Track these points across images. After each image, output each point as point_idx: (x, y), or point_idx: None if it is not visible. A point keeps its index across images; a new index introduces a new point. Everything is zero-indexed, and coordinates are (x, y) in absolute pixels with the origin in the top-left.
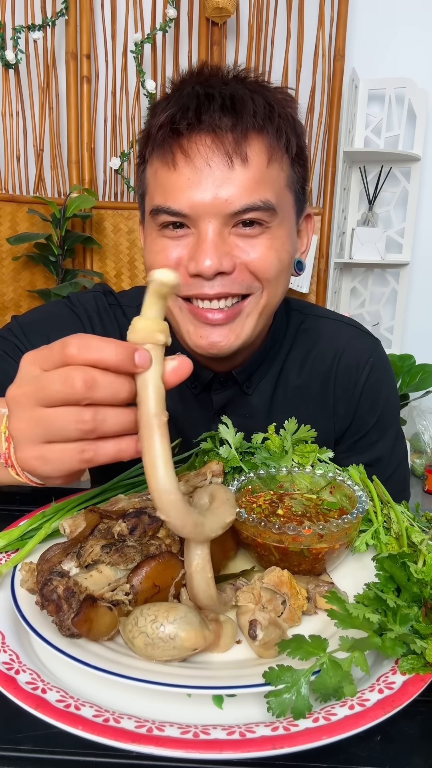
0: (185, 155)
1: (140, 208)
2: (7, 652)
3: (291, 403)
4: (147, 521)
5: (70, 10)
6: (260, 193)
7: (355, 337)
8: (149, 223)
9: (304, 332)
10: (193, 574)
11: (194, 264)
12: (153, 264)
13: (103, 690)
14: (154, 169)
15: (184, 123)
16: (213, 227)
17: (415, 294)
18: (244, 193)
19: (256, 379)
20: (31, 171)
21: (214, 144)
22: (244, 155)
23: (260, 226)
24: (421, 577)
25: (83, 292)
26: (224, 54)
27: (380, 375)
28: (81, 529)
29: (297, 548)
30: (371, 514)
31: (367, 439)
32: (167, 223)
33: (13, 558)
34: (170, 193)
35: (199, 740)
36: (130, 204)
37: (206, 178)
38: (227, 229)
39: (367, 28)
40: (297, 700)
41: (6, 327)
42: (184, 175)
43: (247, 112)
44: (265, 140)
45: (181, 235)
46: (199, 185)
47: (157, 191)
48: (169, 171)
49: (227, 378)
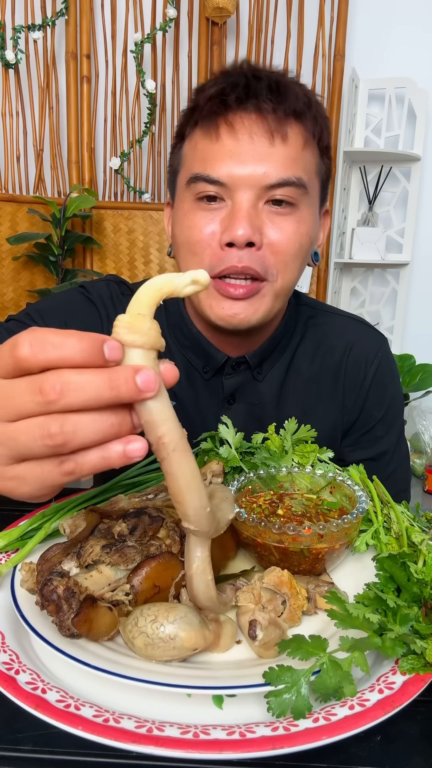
0: (230, 127)
1: (170, 187)
2: (7, 652)
3: (301, 394)
4: (147, 521)
5: (70, 10)
6: (295, 170)
7: (364, 332)
8: (183, 196)
9: (314, 326)
10: (193, 576)
11: (228, 233)
12: (189, 240)
13: (103, 690)
14: (194, 142)
15: (233, 96)
16: (248, 198)
17: (415, 294)
18: (281, 167)
19: (267, 366)
20: (31, 171)
21: (259, 119)
22: (285, 134)
23: (290, 206)
24: (421, 577)
25: (96, 280)
26: (224, 54)
27: (387, 371)
28: (81, 529)
29: (297, 548)
30: (371, 514)
31: (372, 433)
32: (202, 195)
33: (13, 558)
34: (210, 162)
35: (199, 740)
36: (130, 204)
37: (247, 151)
38: (261, 203)
39: (367, 28)
40: (297, 700)
41: (23, 312)
42: (226, 146)
43: (291, 96)
44: (302, 126)
45: (215, 208)
46: (239, 157)
47: (196, 161)
48: (211, 142)
49: (240, 363)
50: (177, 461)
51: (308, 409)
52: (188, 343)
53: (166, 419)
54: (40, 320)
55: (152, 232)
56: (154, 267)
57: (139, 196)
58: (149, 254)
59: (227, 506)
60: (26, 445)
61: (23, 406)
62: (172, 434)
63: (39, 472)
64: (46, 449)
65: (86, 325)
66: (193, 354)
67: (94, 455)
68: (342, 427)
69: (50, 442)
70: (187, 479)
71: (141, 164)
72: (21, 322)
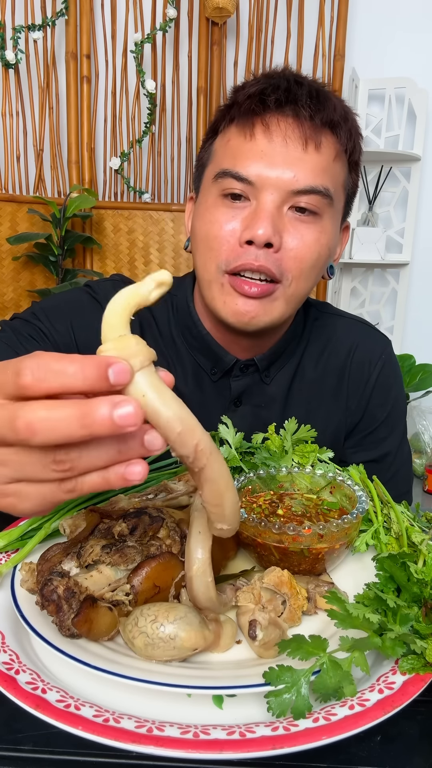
0: (265, 128)
1: (195, 182)
2: (7, 652)
3: (306, 397)
4: (147, 521)
5: (70, 10)
6: (324, 179)
7: (368, 334)
8: (208, 191)
9: (319, 328)
10: (193, 578)
11: (248, 231)
12: (207, 235)
13: (103, 690)
14: (227, 138)
15: (272, 97)
16: (273, 200)
17: (415, 294)
18: (311, 175)
19: (275, 370)
20: (31, 171)
21: (295, 124)
22: (319, 142)
23: (313, 215)
24: (421, 577)
25: (101, 280)
26: (224, 54)
27: (391, 373)
28: (81, 529)
29: (297, 548)
30: (371, 514)
31: (375, 435)
32: (228, 193)
33: (13, 558)
34: (241, 160)
35: (199, 740)
36: (130, 204)
37: (279, 153)
38: (285, 207)
39: (367, 28)
40: (297, 700)
41: (28, 311)
42: (258, 146)
43: (329, 107)
44: (336, 137)
45: (238, 206)
46: (271, 158)
47: (227, 157)
48: (245, 140)
49: (248, 365)
50: (216, 464)
51: (312, 411)
52: (197, 344)
53: (193, 426)
54: (45, 319)
55: (152, 232)
56: (154, 267)
57: (139, 196)
58: (149, 254)
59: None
60: (32, 472)
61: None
62: (204, 439)
63: (40, 491)
64: (52, 473)
65: (91, 325)
66: (201, 355)
67: (96, 476)
68: (345, 429)
69: (56, 467)
70: (225, 479)
71: (141, 164)
72: (26, 320)
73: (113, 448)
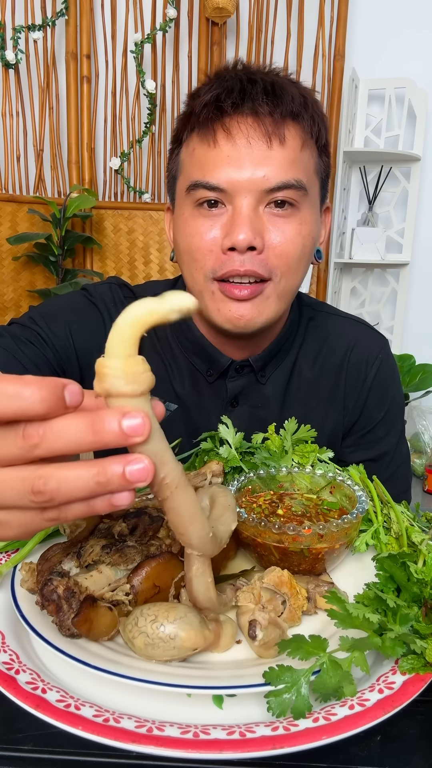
0: (227, 133)
1: (169, 193)
2: (7, 652)
3: (304, 396)
4: (147, 521)
5: (70, 10)
6: (294, 172)
7: (365, 333)
8: (183, 203)
9: (315, 328)
10: (193, 579)
11: (229, 238)
12: (189, 248)
13: (103, 690)
14: (191, 148)
15: (228, 102)
16: (248, 203)
17: (415, 294)
18: (280, 171)
19: (271, 369)
20: (31, 171)
21: (255, 123)
22: (282, 136)
23: (291, 207)
24: (421, 577)
25: (98, 283)
26: (224, 54)
27: (388, 372)
28: (81, 529)
29: (297, 548)
30: (371, 514)
31: (373, 434)
32: (202, 201)
33: (13, 558)
34: (208, 169)
35: (199, 740)
36: (130, 204)
37: (245, 155)
38: (261, 207)
39: (367, 28)
40: (297, 700)
41: (25, 315)
42: (223, 152)
43: (286, 98)
44: (299, 126)
45: (215, 213)
46: (238, 162)
47: (195, 168)
48: (209, 148)
49: (243, 366)
50: (180, 498)
51: (310, 411)
52: (192, 347)
53: (165, 460)
54: (43, 324)
55: (152, 232)
56: (154, 267)
57: (139, 196)
58: (149, 254)
59: (229, 515)
60: (11, 499)
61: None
62: (173, 473)
63: (21, 518)
64: (31, 503)
65: (89, 328)
66: (197, 358)
67: (80, 505)
68: (343, 428)
69: (35, 498)
70: (190, 513)
71: (141, 164)
72: (24, 325)
73: (94, 478)
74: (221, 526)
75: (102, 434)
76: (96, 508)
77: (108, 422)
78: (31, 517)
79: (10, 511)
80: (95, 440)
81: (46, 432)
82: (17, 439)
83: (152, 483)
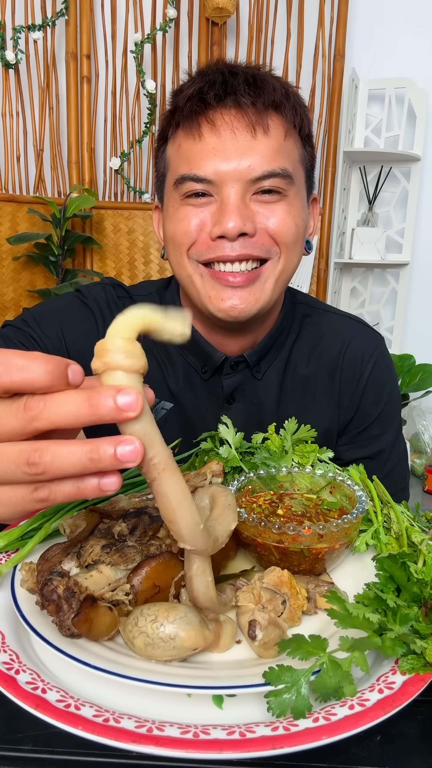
0: (211, 125)
1: (158, 190)
2: (7, 652)
3: (299, 393)
4: (147, 521)
5: (70, 10)
6: (279, 161)
7: (360, 331)
8: (171, 196)
9: (310, 325)
10: (193, 578)
11: (218, 227)
12: (175, 232)
13: (103, 690)
14: (177, 144)
15: (211, 94)
16: (236, 192)
17: (415, 294)
18: (265, 160)
19: (265, 365)
20: (31, 171)
21: (239, 114)
22: (266, 126)
23: (278, 194)
24: (421, 577)
25: (92, 284)
26: (224, 54)
27: (384, 369)
28: (81, 529)
29: (297, 548)
30: (371, 514)
31: (369, 432)
32: (190, 193)
33: (13, 558)
34: (195, 162)
35: (199, 740)
36: (130, 204)
37: (231, 146)
38: (248, 196)
39: (367, 28)
40: (297, 700)
41: (19, 318)
42: (209, 144)
43: (268, 89)
44: (282, 116)
45: (203, 203)
46: (224, 153)
47: (182, 162)
48: (195, 141)
49: (238, 362)
50: (167, 481)
51: (305, 408)
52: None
53: (154, 442)
54: (35, 325)
55: (152, 232)
56: (154, 267)
57: (139, 196)
58: (149, 254)
59: (229, 514)
60: (6, 471)
61: (7, 423)
62: (161, 455)
63: (11, 495)
64: (24, 476)
65: (81, 330)
66: (191, 354)
67: (69, 485)
68: (338, 426)
69: (29, 470)
70: (178, 498)
71: (141, 164)
72: (17, 327)
73: (86, 454)
74: (221, 525)
75: (98, 408)
76: (85, 490)
77: (104, 397)
78: (22, 495)
79: (2, 487)
80: (91, 413)
81: (47, 404)
82: (19, 410)
83: (141, 463)
